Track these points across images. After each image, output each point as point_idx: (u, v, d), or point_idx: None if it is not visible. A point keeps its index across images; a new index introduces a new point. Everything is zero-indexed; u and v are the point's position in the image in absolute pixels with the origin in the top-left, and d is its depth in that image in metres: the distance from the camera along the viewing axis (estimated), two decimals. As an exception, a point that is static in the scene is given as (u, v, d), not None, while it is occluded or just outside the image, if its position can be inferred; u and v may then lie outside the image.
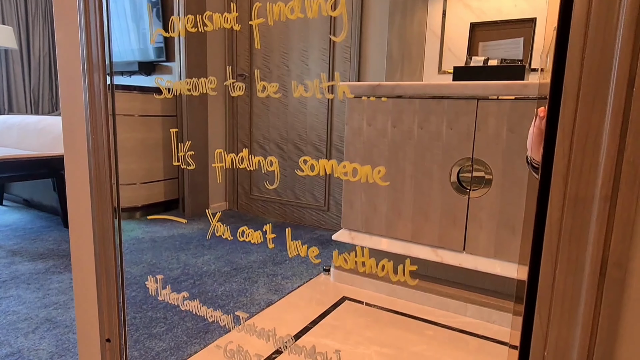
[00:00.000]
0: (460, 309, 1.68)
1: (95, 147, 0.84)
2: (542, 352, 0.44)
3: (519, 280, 1.32)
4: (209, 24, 0.60)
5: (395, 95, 1.75)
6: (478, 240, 1.66)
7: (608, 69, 0.37)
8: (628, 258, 0.40)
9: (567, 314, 0.42)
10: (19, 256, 2.18)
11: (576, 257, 0.41)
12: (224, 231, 0.69)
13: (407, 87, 1.73)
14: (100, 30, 0.79)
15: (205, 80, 0.63)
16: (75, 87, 0.86)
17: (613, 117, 0.38)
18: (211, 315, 0.72)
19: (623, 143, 0.38)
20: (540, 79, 1.75)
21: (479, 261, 1.65)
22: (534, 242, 0.45)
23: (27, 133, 2.89)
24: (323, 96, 0.50)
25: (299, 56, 2.79)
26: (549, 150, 0.42)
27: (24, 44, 4.70)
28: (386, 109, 1.78)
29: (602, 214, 0.39)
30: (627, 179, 0.38)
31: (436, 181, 1.71)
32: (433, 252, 1.74)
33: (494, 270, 1.61)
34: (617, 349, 0.41)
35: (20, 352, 1.34)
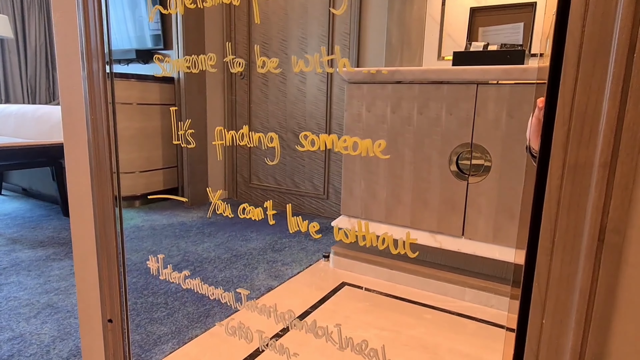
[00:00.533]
0: (459, 293, 1.69)
1: (95, 136, 0.84)
2: (540, 320, 0.45)
3: (517, 265, 1.33)
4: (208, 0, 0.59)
5: (394, 80, 1.74)
6: (477, 226, 1.67)
7: (609, 34, 0.37)
8: (626, 224, 0.40)
9: (565, 281, 0.42)
10: (19, 244, 2.19)
11: (575, 225, 0.41)
12: (224, 209, 0.69)
13: (407, 73, 1.73)
14: (98, 17, 0.78)
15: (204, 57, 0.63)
16: (74, 76, 0.85)
17: (614, 83, 0.38)
18: (212, 293, 0.72)
19: (623, 109, 0.38)
20: (540, 64, 1.74)
21: (477, 246, 1.66)
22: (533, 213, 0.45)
23: (25, 122, 2.88)
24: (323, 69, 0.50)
25: (297, 44, 2.77)
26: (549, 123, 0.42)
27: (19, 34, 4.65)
28: (385, 95, 1.78)
29: (601, 181, 0.39)
30: (627, 146, 0.38)
31: (435, 167, 1.71)
32: (432, 238, 1.75)
33: (493, 255, 1.62)
34: (614, 314, 0.42)
35: (22, 336, 1.35)
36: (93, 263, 0.90)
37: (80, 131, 0.87)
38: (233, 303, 0.71)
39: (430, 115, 1.70)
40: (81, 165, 0.89)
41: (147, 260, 0.78)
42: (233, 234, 2.41)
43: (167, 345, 1.33)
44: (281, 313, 0.65)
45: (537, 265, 0.44)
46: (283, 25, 2.81)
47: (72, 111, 0.88)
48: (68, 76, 0.87)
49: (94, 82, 0.80)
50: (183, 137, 0.69)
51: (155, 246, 2.20)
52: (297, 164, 2.94)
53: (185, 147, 0.68)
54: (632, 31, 0.37)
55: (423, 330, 1.46)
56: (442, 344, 1.37)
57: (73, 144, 0.90)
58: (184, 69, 0.65)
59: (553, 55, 0.41)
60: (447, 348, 1.35)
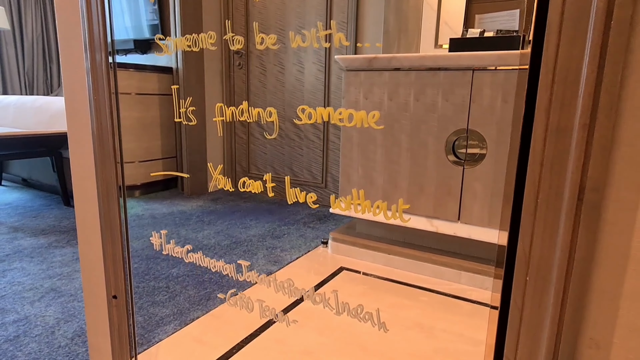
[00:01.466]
0: (455, 276, 1.73)
1: (99, 127, 0.85)
2: (524, 278, 0.47)
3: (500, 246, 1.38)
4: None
5: (393, 67, 1.76)
6: (472, 210, 1.70)
7: (588, 3, 0.40)
8: (605, 183, 0.43)
9: (548, 239, 0.45)
10: (21, 232, 2.21)
11: (557, 184, 0.44)
12: (225, 183, 0.71)
13: (404, 59, 1.74)
14: (101, 8, 0.79)
15: (205, 35, 0.65)
16: (77, 66, 0.87)
17: (592, 49, 0.40)
18: (214, 265, 0.75)
19: (601, 74, 0.40)
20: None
21: (473, 230, 1.69)
22: (517, 177, 0.47)
23: (24, 112, 2.89)
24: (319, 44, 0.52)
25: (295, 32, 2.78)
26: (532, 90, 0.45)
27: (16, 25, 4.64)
28: (382, 82, 1.79)
29: (581, 142, 0.42)
30: (605, 108, 0.41)
31: (431, 153, 1.73)
32: (428, 223, 1.78)
33: (488, 239, 1.65)
34: (593, 270, 0.45)
35: (27, 319, 1.38)
36: (97, 241, 0.92)
37: (84, 122, 0.89)
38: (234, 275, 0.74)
39: (426, 102, 1.72)
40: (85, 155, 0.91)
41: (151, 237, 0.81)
42: (232, 222, 2.44)
43: (169, 326, 1.36)
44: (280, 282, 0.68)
45: (522, 225, 0.47)
46: (280, 14, 2.81)
47: (76, 102, 0.90)
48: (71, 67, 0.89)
49: (98, 72, 0.82)
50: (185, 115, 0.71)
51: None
52: (296, 153, 2.96)
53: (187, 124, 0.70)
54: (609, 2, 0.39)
55: (419, 311, 1.49)
56: (437, 324, 1.41)
57: (77, 134, 0.92)
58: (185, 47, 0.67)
59: (537, 25, 0.43)
60: (442, 328, 1.38)
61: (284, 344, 1.26)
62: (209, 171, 2.88)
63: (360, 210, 0.55)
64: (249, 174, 3.19)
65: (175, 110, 0.72)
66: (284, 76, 2.89)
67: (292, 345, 1.26)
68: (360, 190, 0.53)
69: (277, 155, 3.05)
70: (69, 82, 0.90)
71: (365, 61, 1.84)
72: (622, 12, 0.39)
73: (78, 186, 0.94)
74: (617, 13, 0.39)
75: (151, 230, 2.27)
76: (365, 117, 0.52)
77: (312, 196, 0.58)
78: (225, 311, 1.46)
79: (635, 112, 0.41)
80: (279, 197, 3.08)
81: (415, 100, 1.74)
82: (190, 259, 0.78)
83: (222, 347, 1.24)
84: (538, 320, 0.47)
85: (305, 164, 2.94)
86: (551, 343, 0.47)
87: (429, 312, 1.49)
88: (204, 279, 1.69)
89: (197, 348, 1.24)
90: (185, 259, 0.78)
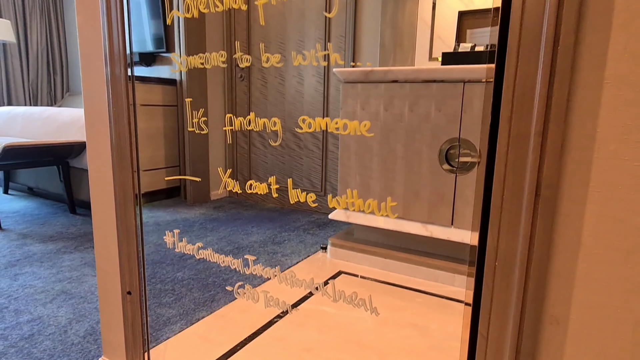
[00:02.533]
0: (449, 279, 1.80)
1: (118, 137, 0.92)
2: (493, 264, 0.55)
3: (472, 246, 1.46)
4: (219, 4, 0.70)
5: (389, 80, 1.85)
6: (465, 216, 1.77)
7: (539, 32, 0.48)
8: (558, 181, 0.51)
9: (512, 230, 0.53)
10: (29, 238, 2.28)
11: (518, 183, 0.52)
12: (233, 186, 0.79)
13: (398, 72, 1.84)
14: (121, 22, 0.88)
15: (216, 54, 0.73)
16: (97, 79, 0.95)
17: (543, 69, 0.49)
18: (223, 260, 0.82)
19: (551, 90, 0.49)
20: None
21: (466, 235, 1.77)
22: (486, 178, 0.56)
23: (32, 122, 2.98)
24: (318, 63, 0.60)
25: (295, 46, 2.88)
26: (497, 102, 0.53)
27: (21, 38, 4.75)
28: (378, 93, 1.88)
29: (537, 147, 0.50)
30: (555, 118, 0.49)
31: (425, 161, 1.82)
32: (423, 228, 1.86)
33: (480, 243, 1.73)
34: (551, 254, 0.53)
35: (40, 319, 1.45)
36: (113, 241, 1.00)
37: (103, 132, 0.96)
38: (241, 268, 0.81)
39: (420, 112, 1.81)
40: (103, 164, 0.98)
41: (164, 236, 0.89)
42: (235, 229, 2.51)
43: (176, 326, 1.42)
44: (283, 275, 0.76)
45: (490, 220, 0.55)
46: (281, 29, 2.92)
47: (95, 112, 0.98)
48: (91, 79, 0.97)
49: (117, 84, 0.90)
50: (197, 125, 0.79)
51: (160, 240, 2.30)
52: (296, 162, 3.04)
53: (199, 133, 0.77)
54: (556, 29, 0.48)
55: (414, 312, 1.56)
56: (431, 323, 1.47)
57: (96, 144, 0.99)
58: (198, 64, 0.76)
59: (499, 49, 0.51)
60: (436, 327, 1.45)
61: (285, 341, 1.33)
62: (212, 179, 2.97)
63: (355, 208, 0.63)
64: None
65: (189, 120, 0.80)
66: (285, 88, 2.98)
67: (292, 343, 1.32)
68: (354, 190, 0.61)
69: (278, 164, 3.13)
70: (88, 93, 0.98)
71: (362, 74, 1.93)
72: (566, 39, 0.48)
73: (95, 191, 1.02)
74: (562, 40, 0.48)
75: (156, 236, 2.35)
76: (357, 126, 0.61)
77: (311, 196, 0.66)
78: (229, 311, 1.53)
79: (582, 122, 0.50)
80: (280, 204, 3.16)
81: (409, 111, 1.83)
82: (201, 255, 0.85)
83: (226, 344, 1.31)
84: (505, 300, 0.55)
85: (305, 172, 3.02)
86: (516, 320, 0.54)
87: (424, 312, 1.56)
88: (208, 282, 1.76)
89: (203, 345, 1.31)
90: (196, 255, 0.85)
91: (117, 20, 0.88)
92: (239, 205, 3.15)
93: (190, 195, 3.16)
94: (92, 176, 1.02)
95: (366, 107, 1.93)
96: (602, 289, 0.51)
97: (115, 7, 0.88)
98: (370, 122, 1.92)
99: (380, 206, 0.61)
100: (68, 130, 2.74)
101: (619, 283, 0.50)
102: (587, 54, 0.48)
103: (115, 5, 0.87)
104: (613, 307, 0.51)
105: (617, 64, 0.47)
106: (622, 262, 0.49)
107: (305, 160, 3.00)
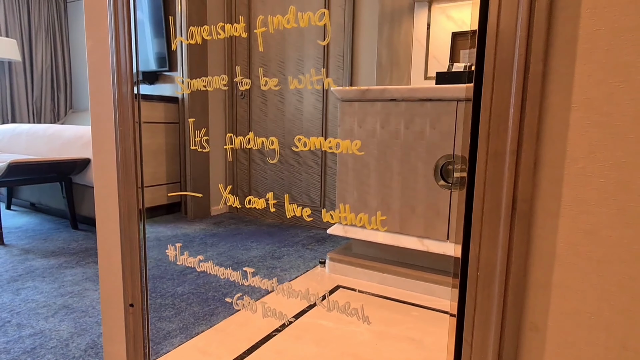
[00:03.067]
0: (445, 293, 1.82)
1: (123, 153, 0.97)
2: (475, 273, 0.59)
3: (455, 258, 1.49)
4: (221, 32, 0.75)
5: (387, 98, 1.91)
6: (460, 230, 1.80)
7: (511, 60, 0.53)
8: (533, 196, 0.55)
9: (492, 241, 0.57)
10: (32, 254, 2.31)
11: (497, 198, 0.56)
12: (233, 201, 0.83)
13: (394, 91, 1.90)
14: (128, 44, 0.93)
15: (218, 77, 0.78)
16: (105, 98, 1.00)
17: (516, 94, 0.53)
18: (222, 273, 0.86)
19: (523, 112, 0.53)
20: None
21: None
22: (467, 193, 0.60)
23: (36, 139, 3.04)
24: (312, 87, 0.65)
25: (295, 65, 2.96)
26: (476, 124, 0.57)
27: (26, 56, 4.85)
28: (375, 111, 1.94)
29: (512, 164, 0.54)
30: (527, 138, 0.54)
31: (421, 177, 1.86)
32: (420, 242, 1.89)
33: (475, 257, 1.76)
34: (528, 263, 0.57)
35: (42, 332, 1.47)
36: (117, 254, 1.04)
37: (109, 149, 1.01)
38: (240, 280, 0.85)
39: (415, 130, 1.86)
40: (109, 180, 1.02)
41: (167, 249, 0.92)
42: (234, 244, 2.54)
43: (175, 339, 1.45)
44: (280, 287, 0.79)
45: (472, 232, 0.59)
46: (281, 49, 3.00)
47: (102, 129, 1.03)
48: (99, 97, 1.02)
49: (124, 102, 0.95)
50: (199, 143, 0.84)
51: (160, 255, 2.32)
52: (295, 178, 3.09)
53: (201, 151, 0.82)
54: (526, 58, 0.52)
55: (410, 325, 1.58)
56: (427, 337, 1.50)
57: (102, 160, 1.03)
58: (201, 87, 0.81)
59: (476, 76, 0.56)
60: (432, 340, 1.47)
61: (283, 354, 1.35)
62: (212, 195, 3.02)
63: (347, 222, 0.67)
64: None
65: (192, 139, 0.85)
66: (284, 106, 3.05)
67: (290, 356, 1.35)
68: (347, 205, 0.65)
69: (277, 180, 3.18)
70: (96, 111, 1.03)
71: (359, 92, 1.99)
72: (535, 67, 0.52)
73: (101, 206, 1.06)
74: (532, 68, 0.52)
75: (156, 252, 2.38)
76: (349, 145, 0.65)
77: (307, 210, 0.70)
78: (228, 325, 1.55)
79: (552, 142, 0.54)
80: (279, 219, 3.19)
81: (405, 128, 1.88)
82: (202, 268, 0.89)
83: (225, 357, 1.33)
84: (488, 308, 0.58)
85: (304, 189, 3.06)
86: (498, 326, 0.58)
87: (420, 326, 1.58)
88: (208, 297, 1.79)
89: (202, 358, 1.33)
90: (197, 267, 0.89)
91: (125, 43, 0.93)
92: (239, 220, 3.18)
93: (190, 210, 3.20)
94: (97, 191, 1.06)
95: (363, 125, 1.98)
96: (576, 297, 0.55)
97: (124, 32, 0.93)
98: (367, 139, 1.98)
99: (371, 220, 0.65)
100: (71, 147, 2.79)
101: (591, 291, 0.54)
102: (556, 80, 0.53)
103: (124, 31, 0.93)
104: (586, 314, 0.54)
105: (582, 90, 0.52)
106: (594, 271, 0.53)
107: (305, 177, 3.04)
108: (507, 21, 0.53)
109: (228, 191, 0.84)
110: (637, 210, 0.50)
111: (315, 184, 3.01)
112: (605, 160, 0.51)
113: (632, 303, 0.51)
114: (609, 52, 0.50)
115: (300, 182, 3.06)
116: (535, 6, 0.52)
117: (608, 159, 0.51)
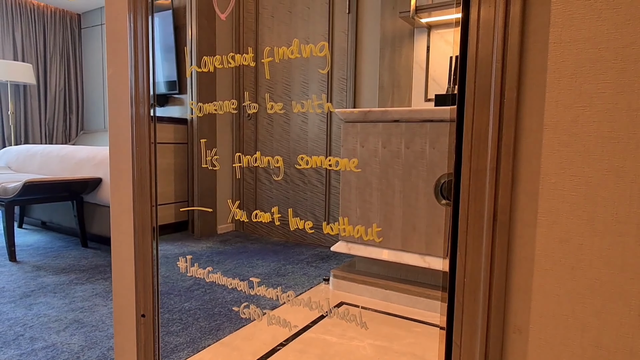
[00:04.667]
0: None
1: (139, 172, 1.04)
2: (462, 280, 0.64)
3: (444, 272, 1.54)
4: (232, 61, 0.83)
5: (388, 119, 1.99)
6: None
7: (488, 87, 0.60)
8: (512, 208, 0.61)
9: (477, 250, 0.63)
10: (43, 270, 2.37)
11: (480, 209, 0.62)
12: (241, 215, 0.90)
13: (395, 112, 1.97)
14: (146, 70, 1.01)
15: (228, 102, 0.86)
16: (123, 119, 1.07)
17: (494, 117, 0.60)
18: (230, 283, 0.91)
19: (501, 133, 0.60)
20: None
21: (462, 266, 1.84)
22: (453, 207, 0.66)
23: (50, 160, 3.14)
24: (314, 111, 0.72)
25: (300, 88, 3.06)
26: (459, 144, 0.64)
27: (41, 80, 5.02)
28: (377, 131, 2.01)
29: (492, 180, 0.60)
30: (505, 156, 0.60)
31: (422, 195, 1.92)
32: (421, 259, 1.93)
33: (476, 273, 1.79)
34: (510, 270, 0.62)
35: (54, 346, 1.52)
36: (130, 268, 1.10)
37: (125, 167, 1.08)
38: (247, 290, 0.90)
39: (416, 149, 1.92)
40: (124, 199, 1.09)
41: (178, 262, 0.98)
42: (240, 261, 2.59)
43: (183, 353, 1.49)
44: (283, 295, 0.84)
45: (458, 243, 0.64)
46: (287, 72, 3.11)
47: (119, 150, 1.10)
48: (117, 119, 1.10)
49: (140, 123, 1.03)
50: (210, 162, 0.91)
51: (168, 272, 2.38)
52: (300, 197, 3.15)
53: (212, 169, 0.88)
54: (502, 85, 0.59)
55: (413, 340, 1.61)
56: (429, 352, 1.52)
57: (118, 180, 1.10)
58: (212, 111, 0.88)
59: (459, 100, 0.63)
60: (433, 356, 1.50)
61: (287, 367, 1.39)
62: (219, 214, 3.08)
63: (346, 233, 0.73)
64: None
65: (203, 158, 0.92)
66: (290, 127, 3.14)
67: (294, 369, 1.38)
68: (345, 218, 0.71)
69: (282, 199, 3.24)
70: (114, 132, 1.11)
71: (361, 114, 2.07)
72: (510, 94, 0.59)
73: (116, 222, 1.13)
74: (507, 94, 0.59)
75: (164, 269, 2.43)
76: (347, 163, 0.71)
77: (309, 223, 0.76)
78: (233, 339, 1.59)
79: (528, 159, 0.60)
80: (284, 238, 3.24)
81: (406, 148, 1.95)
82: (211, 279, 0.94)
83: (231, 370, 1.37)
84: (474, 312, 0.64)
85: (309, 207, 3.12)
86: (484, 329, 0.63)
87: (422, 341, 1.61)
88: (214, 312, 1.83)
89: (209, 371, 1.37)
90: (206, 278, 0.94)
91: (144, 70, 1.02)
92: (245, 239, 3.24)
93: (197, 229, 3.26)
94: (113, 208, 1.13)
95: (365, 145, 2.05)
96: (553, 300, 0.60)
97: (142, 60, 1.02)
98: (369, 158, 2.05)
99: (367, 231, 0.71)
100: (83, 167, 2.88)
101: (567, 294, 0.59)
102: (529, 104, 0.59)
103: (142, 59, 1.01)
104: (563, 316, 0.59)
105: (552, 114, 0.58)
106: (568, 276, 0.59)
107: (309, 195, 3.10)
108: (484, 53, 0.60)
109: (236, 206, 0.91)
110: (604, 221, 0.56)
111: (320, 203, 3.07)
112: (575, 175, 0.57)
113: (604, 305, 0.57)
114: (573, 80, 0.56)
115: (305, 200, 3.12)
116: (508, 40, 0.59)
117: (577, 174, 0.57)
